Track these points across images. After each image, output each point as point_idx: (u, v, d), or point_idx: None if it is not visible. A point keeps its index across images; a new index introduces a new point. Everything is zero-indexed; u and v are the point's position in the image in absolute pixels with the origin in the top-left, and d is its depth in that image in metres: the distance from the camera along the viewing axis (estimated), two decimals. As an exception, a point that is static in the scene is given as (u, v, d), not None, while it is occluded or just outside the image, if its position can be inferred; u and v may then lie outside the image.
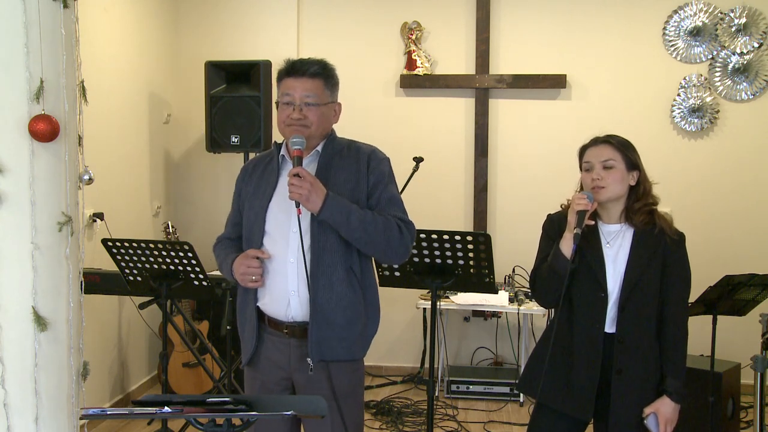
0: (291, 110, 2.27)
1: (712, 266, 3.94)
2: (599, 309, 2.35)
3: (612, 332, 2.35)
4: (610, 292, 2.35)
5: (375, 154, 2.37)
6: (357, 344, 2.33)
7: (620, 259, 2.36)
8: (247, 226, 2.37)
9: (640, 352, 2.35)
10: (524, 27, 5.12)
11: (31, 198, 2.23)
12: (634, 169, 2.37)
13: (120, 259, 3.37)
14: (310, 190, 2.15)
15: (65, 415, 2.34)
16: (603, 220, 2.41)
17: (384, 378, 5.22)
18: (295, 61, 2.31)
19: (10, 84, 2.21)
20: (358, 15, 5.24)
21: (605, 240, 2.39)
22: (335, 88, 2.36)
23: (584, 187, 2.40)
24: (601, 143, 2.39)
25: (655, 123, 5.02)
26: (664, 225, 2.36)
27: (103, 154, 4.22)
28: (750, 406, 4.29)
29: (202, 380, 4.57)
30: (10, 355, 2.24)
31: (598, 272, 2.35)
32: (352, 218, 2.20)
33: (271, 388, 2.36)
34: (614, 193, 2.35)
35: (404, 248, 2.30)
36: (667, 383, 2.33)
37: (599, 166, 2.35)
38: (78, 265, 2.40)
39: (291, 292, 2.27)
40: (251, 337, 2.36)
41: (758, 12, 4.88)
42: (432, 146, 5.03)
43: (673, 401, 2.33)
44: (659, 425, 2.33)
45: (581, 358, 2.37)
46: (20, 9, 2.19)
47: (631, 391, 2.34)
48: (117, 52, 4.48)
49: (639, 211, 2.36)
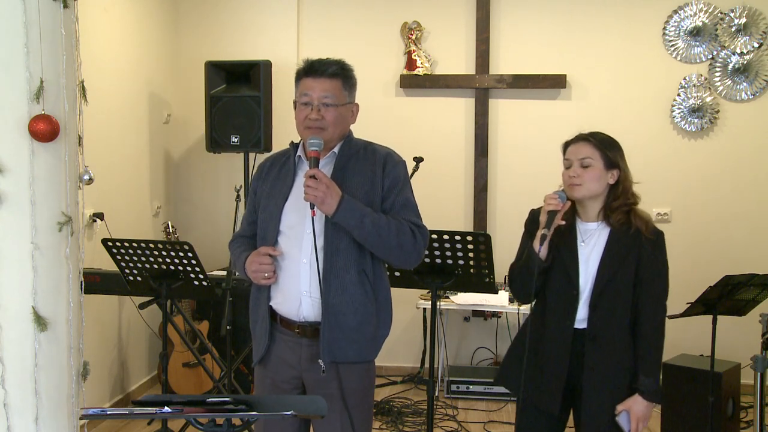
0: (309, 110, 2.27)
1: (712, 266, 3.94)
2: (570, 305, 2.36)
3: (583, 328, 2.37)
4: (581, 289, 2.36)
5: (391, 157, 2.37)
6: (368, 346, 2.32)
7: (593, 258, 2.37)
8: (262, 225, 2.37)
9: (613, 350, 2.36)
10: (524, 27, 5.12)
11: (31, 198, 2.23)
12: (614, 167, 2.37)
13: (120, 259, 3.37)
14: (326, 192, 2.15)
15: (65, 415, 2.34)
16: (581, 217, 2.43)
17: (384, 378, 5.22)
18: (314, 61, 2.30)
19: (10, 84, 2.21)
20: (358, 15, 5.24)
21: (581, 238, 2.40)
22: (353, 89, 2.36)
23: (563, 184, 2.41)
24: (581, 140, 2.40)
25: (655, 123, 5.02)
26: (640, 224, 2.36)
27: (103, 154, 4.22)
28: (750, 406, 4.29)
29: (202, 380, 4.57)
30: (10, 355, 2.24)
31: (570, 269, 2.36)
32: (365, 221, 2.20)
33: (282, 387, 2.36)
34: (589, 192, 2.36)
35: (417, 253, 2.31)
36: (639, 381, 2.35)
37: (577, 164, 2.36)
38: (78, 265, 2.40)
39: (303, 292, 2.27)
40: (263, 336, 2.36)
41: (758, 12, 4.88)
42: (432, 146, 5.03)
43: (646, 399, 2.34)
44: (631, 423, 2.34)
45: (551, 354, 2.39)
46: (20, 9, 2.19)
47: (603, 387, 2.36)
48: (117, 52, 4.48)
49: (617, 209, 2.36)
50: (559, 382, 2.37)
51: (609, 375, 2.35)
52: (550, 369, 2.39)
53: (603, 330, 2.35)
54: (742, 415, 4.27)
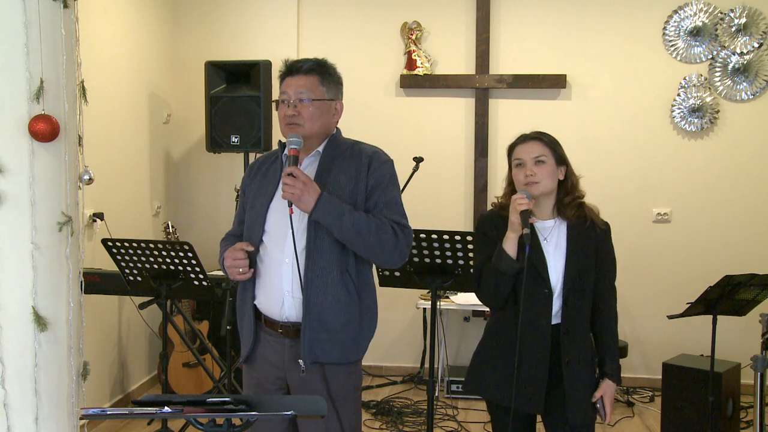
0: (286, 107, 2.29)
1: (712, 266, 3.94)
2: (545, 304, 2.38)
3: (557, 323, 2.39)
4: (553, 286, 2.38)
5: (377, 155, 2.35)
6: (352, 347, 2.31)
7: (559, 254, 2.40)
8: (249, 225, 2.38)
9: (582, 340, 2.42)
10: (524, 27, 5.12)
11: (31, 198, 2.23)
12: (562, 164, 2.44)
13: (120, 259, 3.37)
14: (303, 189, 2.15)
15: (65, 415, 2.34)
16: (536, 216, 2.44)
17: (384, 378, 5.22)
18: (294, 60, 2.33)
19: (10, 84, 2.21)
20: (358, 15, 5.24)
21: (542, 236, 2.42)
22: (335, 87, 2.35)
23: (516, 185, 2.45)
24: (530, 140, 2.46)
25: (655, 123, 5.02)
26: (593, 216, 2.44)
27: (103, 154, 4.22)
28: (750, 406, 4.29)
29: (202, 380, 4.57)
30: (10, 355, 2.25)
31: (540, 268, 2.38)
32: (344, 219, 2.19)
33: (266, 387, 2.37)
34: (547, 188, 2.41)
35: (399, 252, 2.28)
36: (606, 366, 2.43)
37: (531, 162, 2.41)
38: (78, 265, 2.40)
39: (286, 292, 2.27)
40: (249, 335, 2.37)
41: (758, 12, 4.88)
42: (432, 146, 5.03)
43: (614, 382, 2.43)
44: (606, 406, 2.42)
45: (529, 353, 2.38)
46: (20, 9, 2.19)
47: (580, 378, 2.40)
48: (117, 52, 4.48)
49: (569, 204, 2.42)
50: (541, 382, 2.38)
51: (583, 365, 2.41)
52: (530, 369, 2.38)
53: (574, 323, 2.40)
54: (742, 415, 4.27)
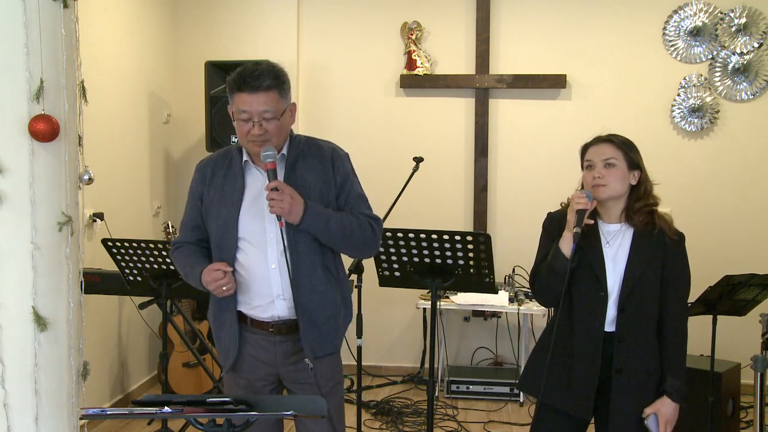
0: (250, 126, 2.23)
1: (712, 266, 3.93)
2: (599, 308, 2.35)
3: (611, 331, 2.36)
4: (609, 291, 2.35)
5: (336, 152, 2.41)
6: (338, 337, 2.41)
7: (620, 259, 2.36)
8: (218, 234, 2.35)
9: (640, 352, 2.35)
10: (524, 27, 5.12)
11: (31, 198, 2.23)
12: (636, 168, 2.38)
13: (120, 259, 3.37)
14: (291, 203, 2.18)
15: (65, 415, 2.34)
16: (603, 219, 2.42)
17: (384, 378, 5.22)
18: (246, 75, 2.22)
19: (10, 84, 2.21)
20: (358, 15, 5.24)
21: (605, 239, 2.39)
22: (288, 92, 2.31)
23: (585, 186, 2.40)
24: (602, 142, 2.40)
25: (655, 123, 5.02)
26: (663, 225, 2.37)
27: (103, 154, 4.22)
28: (750, 406, 4.29)
29: (202, 380, 4.57)
30: (10, 355, 2.24)
31: (598, 271, 2.35)
32: (331, 224, 2.26)
33: (257, 386, 2.39)
34: (615, 192, 2.36)
35: (375, 245, 2.41)
36: (667, 383, 2.33)
37: (600, 165, 2.36)
38: (78, 265, 2.40)
39: (276, 296, 2.30)
40: (232, 342, 2.37)
41: (758, 12, 4.88)
42: (432, 146, 5.03)
43: (674, 401, 2.33)
44: (659, 425, 2.33)
45: (581, 357, 2.37)
46: (20, 9, 2.19)
47: (631, 390, 2.34)
48: (117, 52, 4.47)
49: (639, 210, 2.36)
50: (590, 387, 2.35)
51: (636, 377, 2.34)
52: (581, 373, 2.36)
53: (630, 332, 2.34)
54: (742, 415, 4.27)
